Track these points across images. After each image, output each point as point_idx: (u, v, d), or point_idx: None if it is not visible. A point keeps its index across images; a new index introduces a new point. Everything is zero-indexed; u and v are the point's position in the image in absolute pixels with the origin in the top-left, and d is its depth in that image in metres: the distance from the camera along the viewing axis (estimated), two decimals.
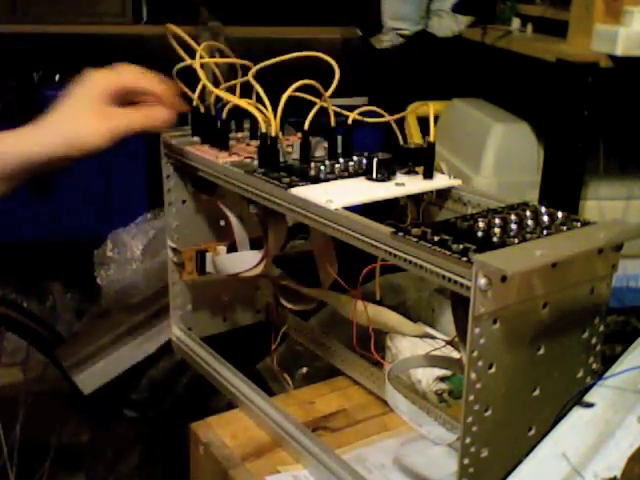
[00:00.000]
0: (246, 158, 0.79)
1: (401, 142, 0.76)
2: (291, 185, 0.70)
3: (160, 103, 0.78)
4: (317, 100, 0.77)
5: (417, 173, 0.73)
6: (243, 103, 0.79)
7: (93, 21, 2.06)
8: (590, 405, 0.62)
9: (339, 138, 0.79)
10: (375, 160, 0.71)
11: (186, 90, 0.83)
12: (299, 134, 0.82)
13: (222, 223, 0.94)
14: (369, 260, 0.73)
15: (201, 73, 0.81)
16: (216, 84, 0.84)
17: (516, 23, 1.68)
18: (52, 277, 1.92)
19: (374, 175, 0.71)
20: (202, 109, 0.83)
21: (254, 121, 0.85)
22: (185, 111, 0.83)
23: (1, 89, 1.84)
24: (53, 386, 1.34)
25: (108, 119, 0.78)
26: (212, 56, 1.25)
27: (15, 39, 1.94)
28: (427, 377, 0.84)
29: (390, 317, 0.78)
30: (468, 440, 0.56)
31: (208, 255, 0.89)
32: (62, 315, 1.84)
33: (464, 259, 0.52)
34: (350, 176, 0.73)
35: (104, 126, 0.78)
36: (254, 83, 0.77)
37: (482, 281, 0.51)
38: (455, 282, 0.53)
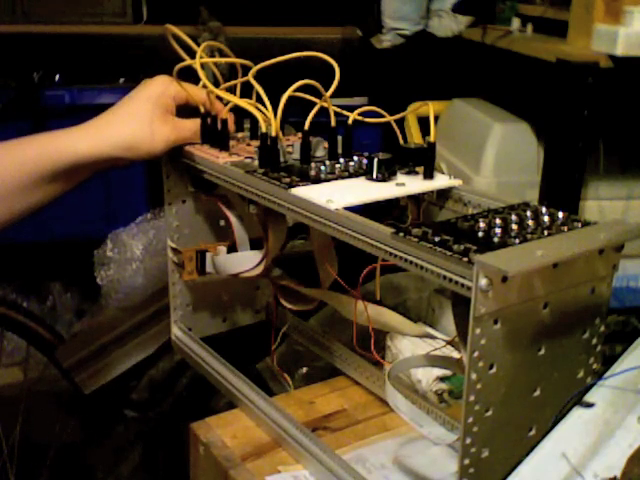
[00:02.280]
0: (246, 158, 0.79)
1: (401, 142, 0.76)
2: (291, 185, 0.69)
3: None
4: (317, 100, 0.77)
5: (417, 173, 0.73)
6: (243, 103, 0.79)
7: (93, 21, 2.06)
8: (590, 405, 0.62)
9: (339, 138, 0.79)
10: (375, 160, 0.71)
11: (186, 90, 0.83)
12: (299, 134, 0.82)
13: (222, 223, 0.94)
14: (369, 260, 0.73)
15: (201, 73, 0.81)
16: (216, 84, 0.84)
17: (516, 23, 1.68)
18: (52, 277, 1.92)
19: (374, 175, 0.71)
20: (202, 109, 0.83)
21: (254, 121, 0.85)
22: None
23: (1, 89, 1.84)
24: (53, 386, 1.34)
25: (174, 128, 0.80)
26: (212, 56, 1.25)
27: (15, 39, 1.94)
28: (427, 377, 0.84)
29: (390, 317, 0.78)
30: (469, 440, 0.56)
31: (208, 255, 0.89)
32: (62, 315, 1.84)
33: (465, 259, 0.52)
34: (350, 176, 0.73)
35: (169, 134, 0.80)
36: (254, 83, 0.77)
37: (483, 281, 0.51)
38: (456, 282, 0.53)
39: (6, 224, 0.79)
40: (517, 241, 0.55)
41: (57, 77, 1.89)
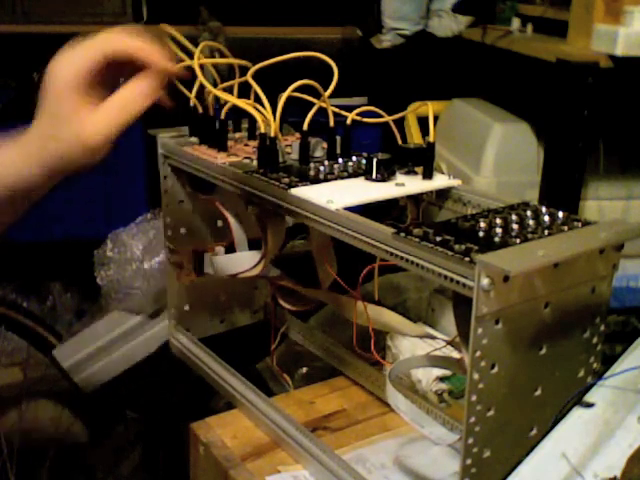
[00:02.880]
0: (245, 158, 0.79)
1: (400, 142, 0.76)
2: (291, 185, 0.69)
3: (153, 66, 0.66)
4: (316, 100, 0.77)
5: (417, 173, 0.73)
6: (242, 103, 0.79)
7: (93, 21, 2.06)
8: (590, 405, 0.62)
9: (338, 138, 0.79)
10: (375, 160, 0.71)
11: (184, 90, 0.83)
12: (298, 134, 0.82)
13: (220, 224, 0.94)
14: (368, 260, 0.73)
15: (199, 73, 0.80)
16: (215, 85, 0.84)
17: (516, 23, 1.68)
18: (52, 277, 1.91)
19: (374, 175, 0.71)
20: (200, 109, 0.83)
21: (252, 121, 0.85)
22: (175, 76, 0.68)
23: (1, 89, 1.84)
24: (53, 386, 1.34)
25: (96, 122, 0.64)
26: (212, 56, 1.25)
27: (15, 39, 1.94)
28: (427, 377, 0.84)
29: (390, 317, 0.78)
30: (470, 440, 0.56)
31: (206, 256, 0.89)
32: (62, 315, 1.84)
33: (467, 259, 0.52)
34: (350, 176, 0.73)
35: (94, 134, 0.63)
36: (253, 83, 0.76)
37: (485, 281, 0.51)
38: (457, 282, 0.53)
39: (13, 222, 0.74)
40: (518, 241, 0.55)
41: None
